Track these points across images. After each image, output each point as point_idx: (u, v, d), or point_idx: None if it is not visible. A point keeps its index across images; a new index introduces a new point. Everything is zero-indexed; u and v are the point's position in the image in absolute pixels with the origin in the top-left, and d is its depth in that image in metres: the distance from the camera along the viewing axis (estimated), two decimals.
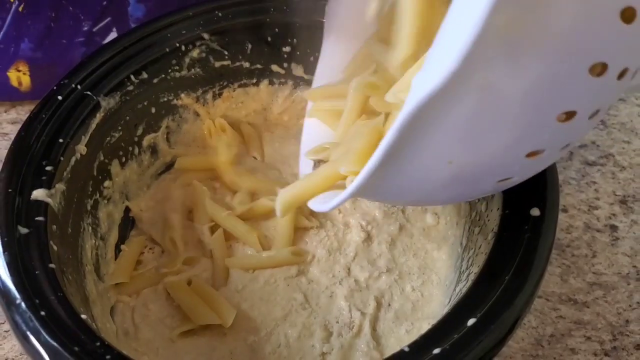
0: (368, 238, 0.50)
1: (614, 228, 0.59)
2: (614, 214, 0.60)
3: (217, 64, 0.54)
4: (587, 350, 0.50)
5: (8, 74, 0.64)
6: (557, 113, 0.29)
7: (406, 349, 0.33)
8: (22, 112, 0.67)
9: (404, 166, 0.30)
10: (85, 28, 0.63)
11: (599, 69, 0.28)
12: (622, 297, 0.54)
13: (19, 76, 0.64)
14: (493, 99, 0.27)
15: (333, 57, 0.49)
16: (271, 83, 0.57)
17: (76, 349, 0.33)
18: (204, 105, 0.55)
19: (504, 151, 0.30)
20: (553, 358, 0.50)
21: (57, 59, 0.63)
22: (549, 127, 0.29)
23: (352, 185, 0.33)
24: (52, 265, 0.37)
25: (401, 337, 0.44)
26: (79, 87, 0.46)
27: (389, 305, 0.46)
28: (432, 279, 0.47)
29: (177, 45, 0.51)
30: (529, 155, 0.31)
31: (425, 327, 0.44)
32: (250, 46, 0.54)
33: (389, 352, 0.42)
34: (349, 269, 0.48)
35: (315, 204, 0.40)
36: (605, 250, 0.57)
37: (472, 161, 0.30)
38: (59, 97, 0.45)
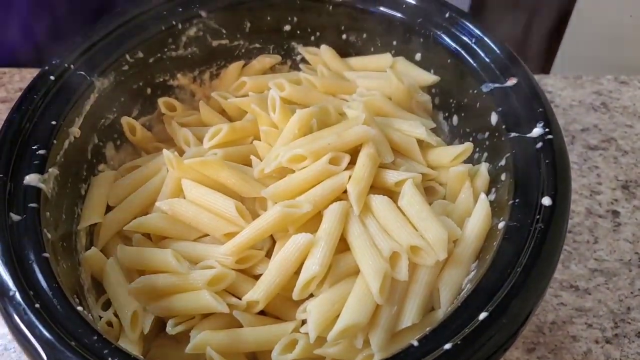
0: None
1: (615, 214, 0.58)
2: (615, 200, 0.59)
3: (215, 43, 0.52)
4: (588, 337, 0.50)
5: None
6: None
7: (415, 344, 0.32)
8: (11, 91, 0.66)
9: None
10: None
11: None
12: (624, 283, 0.53)
13: None
14: None
15: None
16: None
17: (73, 343, 0.32)
18: (200, 85, 0.54)
19: None
20: (554, 345, 0.49)
21: None
22: None
23: None
24: (46, 254, 0.36)
25: None
26: (72, 66, 0.44)
27: None
28: None
29: (174, 23, 0.49)
30: None
31: None
32: (248, 24, 0.52)
33: None
34: None
35: None
36: (607, 236, 0.56)
37: None
38: (52, 77, 0.43)
